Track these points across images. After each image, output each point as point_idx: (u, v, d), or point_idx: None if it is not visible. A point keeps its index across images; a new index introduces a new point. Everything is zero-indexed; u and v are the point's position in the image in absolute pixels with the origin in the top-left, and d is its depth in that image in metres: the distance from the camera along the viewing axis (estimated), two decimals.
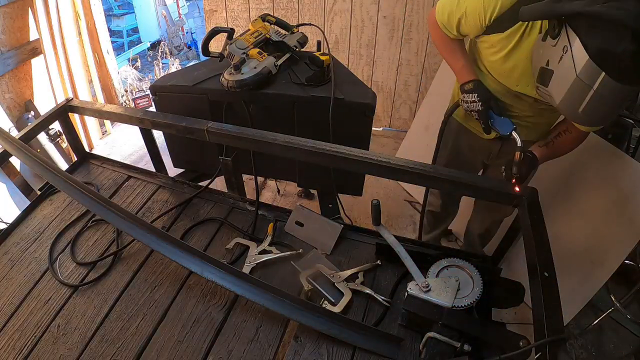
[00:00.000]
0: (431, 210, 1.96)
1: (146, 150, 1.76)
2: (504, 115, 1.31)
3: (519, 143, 1.23)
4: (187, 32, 5.88)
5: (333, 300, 1.11)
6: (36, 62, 2.77)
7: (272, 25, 1.78)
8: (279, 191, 2.74)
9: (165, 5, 5.73)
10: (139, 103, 3.78)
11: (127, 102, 3.78)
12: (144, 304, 1.16)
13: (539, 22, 1.10)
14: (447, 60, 1.41)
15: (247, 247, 1.28)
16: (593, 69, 0.89)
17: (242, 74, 1.52)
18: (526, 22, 1.12)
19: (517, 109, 1.35)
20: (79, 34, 3.07)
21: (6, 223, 1.50)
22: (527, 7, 1.00)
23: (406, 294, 1.04)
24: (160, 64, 4.64)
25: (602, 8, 0.84)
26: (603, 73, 0.88)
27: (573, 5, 0.89)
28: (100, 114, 1.60)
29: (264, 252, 1.26)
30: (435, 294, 1.02)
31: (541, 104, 1.28)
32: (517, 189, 1.17)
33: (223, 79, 1.54)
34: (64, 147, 2.77)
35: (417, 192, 2.66)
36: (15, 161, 2.38)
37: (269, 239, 1.29)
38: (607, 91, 0.90)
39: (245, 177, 1.76)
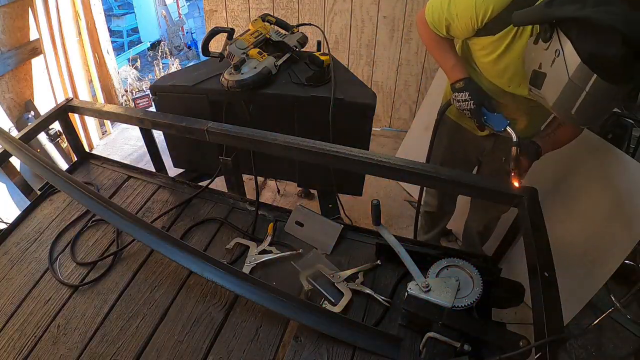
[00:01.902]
0: (428, 211, 1.95)
1: (146, 150, 1.77)
2: (497, 111, 1.31)
3: (514, 138, 1.24)
4: (187, 32, 5.88)
5: (333, 300, 1.11)
6: (36, 62, 2.77)
7: (272, 25, 1.78)
8: (279, 191, 2.74)
9: (165, 5, 5.73)
10: (139, 103, 3.78)
11: (127, 102, 3.77)
12: (144, 304, 1.16)
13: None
14: (437, 60, 1.40)
15: (247, 247, 1.28)
16: (585, 72, 0.91)
17: (242, 74, 1.52)
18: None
19: (511, 107, 1.36)
20: (79, 34, 3.07)
21: (6, 223, 1.51)
22: (519, 13, 1.01)
23: (406, 294, 1.04)
24: (160, 64, 4.64)
25: (592, 13, 0.86)
26: (595, 75, 0.90)
27: (564, 10, 0.91)
28: (100, 114, 1.60)
29: (264, 252, 1.26)
30: (435, 294, 1.02)
31: (534, 102, 1.28)
32: (516, 184, 1.17)
33: (223, 79, 1.54)
34: (64, 147, 2.77)
35: (417, 192, 2.66)
36: (15, 161, 2.38)
37: (269, 239, 1.29)
38: (599, 92, 0.93)
39: (245, 177, 1.76)
